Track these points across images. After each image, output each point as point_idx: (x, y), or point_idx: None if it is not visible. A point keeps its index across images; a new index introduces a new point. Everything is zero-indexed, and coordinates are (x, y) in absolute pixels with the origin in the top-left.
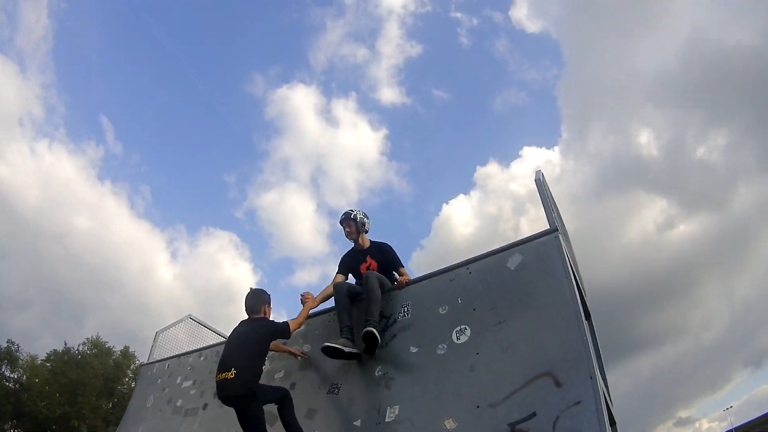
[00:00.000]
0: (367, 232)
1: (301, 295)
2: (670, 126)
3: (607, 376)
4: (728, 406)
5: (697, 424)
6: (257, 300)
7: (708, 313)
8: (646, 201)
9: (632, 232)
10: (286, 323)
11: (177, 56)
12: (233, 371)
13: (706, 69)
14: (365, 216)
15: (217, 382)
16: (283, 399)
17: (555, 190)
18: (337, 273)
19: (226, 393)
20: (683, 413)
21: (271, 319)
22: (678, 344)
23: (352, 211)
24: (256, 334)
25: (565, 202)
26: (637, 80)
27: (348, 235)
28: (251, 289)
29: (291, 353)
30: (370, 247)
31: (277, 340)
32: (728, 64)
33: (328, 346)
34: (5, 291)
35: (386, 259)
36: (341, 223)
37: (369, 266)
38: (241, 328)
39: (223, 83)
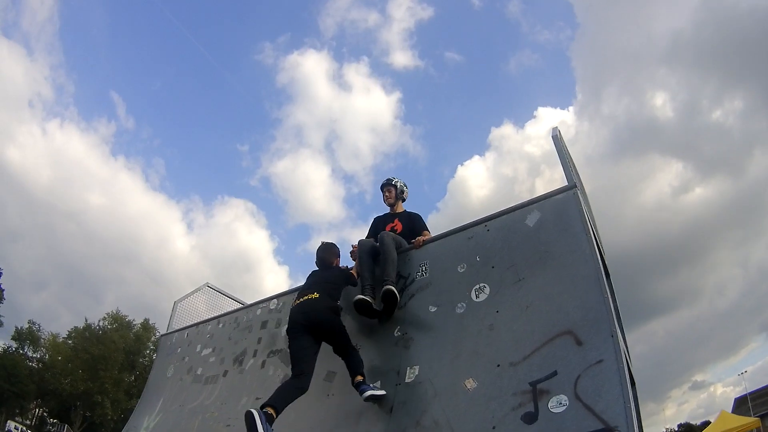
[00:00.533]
0: (404, 200)
1: (353, 246)
2: (684, 89)
3: (626, 337)
4: (743, 371)
5: (711, 389)
6: (329, 253)
7: (723, 278)
8: (662, 164)
9: (647, 195)
10: (352, 273)
11: (184, 28)
12: (316, 294)
13: (721, 32)
14: (405, 185)
15: (298, 303)
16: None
17: (571, 152)
18: (366, 236)
19: (309, 310)
20: (698, 377)
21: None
22: (693, 308)
23: (393, 178)
24: (333, 277)
25: (581, 164)
26: (651, 42)
27: (386, 200)
28: (323, 243)
29: None
30: (401, 213)
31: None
32: (744, 27)
33: (362, 299)
34: (22, 272)
35: (413, 225)
36: (382, 188)
37: (394, 227)
38: (317, 274)
39: (232, 53)
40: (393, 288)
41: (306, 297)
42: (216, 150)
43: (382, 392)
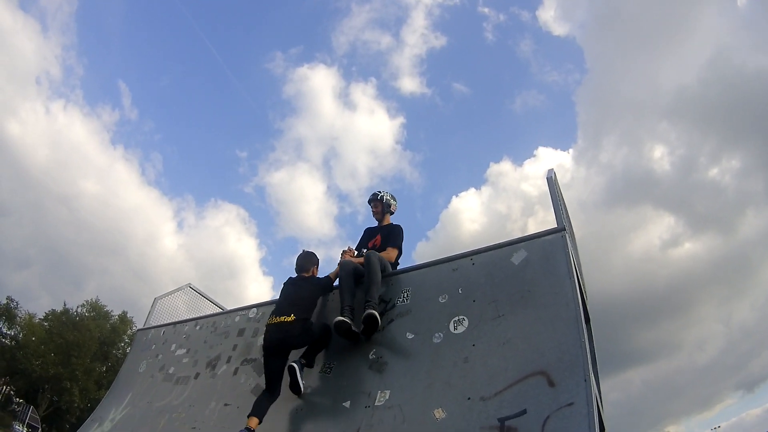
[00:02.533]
0: (392, 213)
1: (343, 251)
2: (684, 144)
3: (600, 383)
4: (716, 426)
5: None
6: (308, 261)
7: (704, 333)
8: (654, 216)
9: (637, 246)
10: (328, 277)
11: (198, 28)
12: (293, 316)
13: (725, 91)
14: (392, 198)
15: (275, 324)
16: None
17: (564, 196)
18: (356, 246)
19: (285, 336)
20: (671, 429)
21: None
22: (672, 360)
23: (379, 192)
24: (309, 292)
25: (574, 209)
26: (655, 95)
27: (375, 214)
28: (303, 250)
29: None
30: (384, 226)
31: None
32: (748, 89)
33: (342, 321)
34: (6, 248)
35: (388, 236)
36: (369, 202)
37: (375, 242)
38: (293, 283)
39: (243, 58)
40: (375, 312)
41: (282, 319)
42: (215, 152)
43: (302, 383)
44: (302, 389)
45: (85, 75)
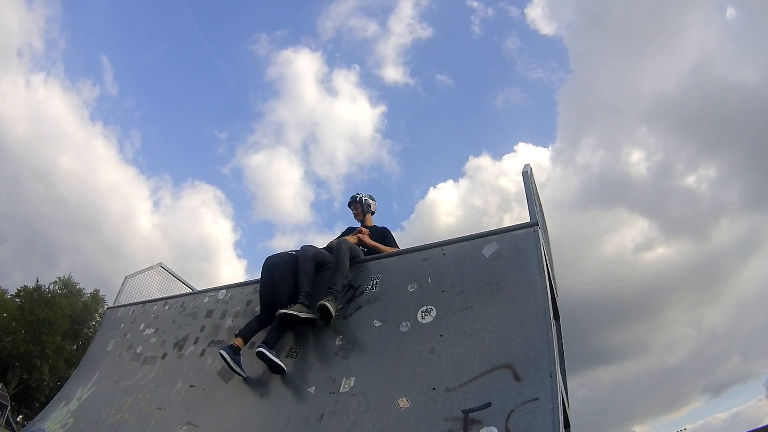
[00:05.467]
0: (373, 213)
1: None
2: (661, 150)
3: (567, 380)
4: (683, 428)
5: None
6: None
7: (673, 336)
8: (628, 219)
9: (609, 248)
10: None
11: (184, 5)
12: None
13: (705, 100)
14: (371, 198)
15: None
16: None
17: (541, 195)
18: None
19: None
20: (638, 428)
21: None
22: (640, 362)
23: (358, 194)
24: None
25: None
26: (636, 100)
27: (355, 216)
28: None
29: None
30: (371, 227)
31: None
32: (728, 100)
33: (283, 312)
34: None
35: (384, 241)
36: (349, 206)
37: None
38: None
39: (227, 39)
40: (327, 304)
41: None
42: (194, 132)
43: (276, 360)
44: (283, 367)
45: (67, 48)
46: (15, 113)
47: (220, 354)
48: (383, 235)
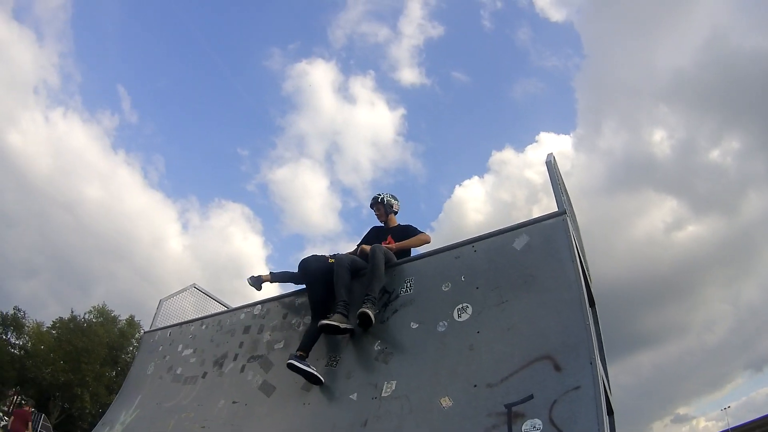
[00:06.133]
0: (396, 213)
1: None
2: (683, 127)
3: (608, 367)
4: (726, 407)
5: (694, 422)
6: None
7: (711, 314)
8: (656, 200)
9: (640, 230)
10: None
11: (194, 27)
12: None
13: (722, 73)
14: (393, 198)
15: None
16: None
17: (567, 184)
18: (360, 242)
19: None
20: (682, 410)
21: None
22: (680, 343)
23: (380, 194)
24: None
25: (576, 195)
26: (653, 79)
27: (379, 217)
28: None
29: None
30: (395, 227)
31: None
32: (746, 69)
33: (325, 324)
34: (13, 258)
35: (407, 234)
36: (371, 207)
37: (387, 245)
38: None
39: (241, 57)
40: (368, 311)
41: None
42: (216, 152)
43: (309, 370)
44: (318, 376)
45: (83, 81)
46: (37, 149)
47: (290, 365)
48: (405, 232)
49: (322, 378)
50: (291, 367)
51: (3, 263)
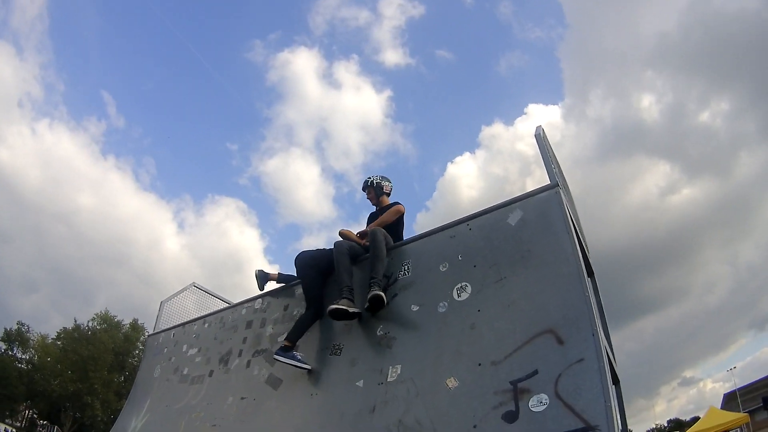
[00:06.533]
0: (388, 194)
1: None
2: (670, 91)
3: (611, 336)
4: (732, 367)
5: (701, 384)
6: None
7: (711, 276)
8: (649, 165)
9: (635, 196)
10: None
11: (174, 27)
12: None
13: (707, 35)
14: (382, 179)
15: None
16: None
17: (558, 155)
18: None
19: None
20: (688, 373)
21: None
22: (682, 306)
23: (369, 178)
24: None
25: (568, 166)
26: (637, 45)
27: (371, 201)
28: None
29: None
30: (385, 207)
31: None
32: (730, 30)
33: (335, 308)
34: (12, 275)
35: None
36: (363, 191)
37: None
38: None
39: (222, 52)
40: (380, 293)
41: None
42: (206, 149)
43: (290, 362)
44: (304, 367)
45: (66, 90)
46: (26, 162)
47: (275, 358)
48: (386, 209)
49: (308, 366)
50: (277, 359)
51: (2, 280)
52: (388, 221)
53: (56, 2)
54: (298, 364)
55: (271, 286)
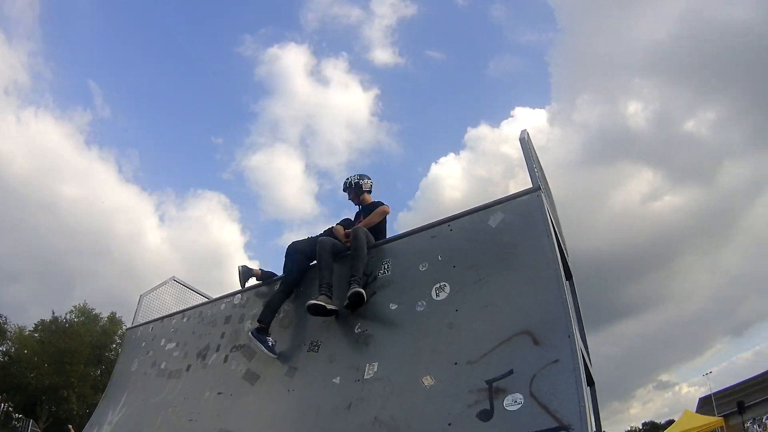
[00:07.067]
0: (369, 191)
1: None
2: (658, 99)
3: (587, 339)
4: (708, 372)
5: (676, 388)
6: None
7: (690, 283)
8: (633, 171)
9: (618, 202)
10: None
11: (164, 19)
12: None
13: (697, 44)
14: (361, 177)
15: None
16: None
17: (543, 159)
18: None
19: None
20: (664, 377)
21: None
22: (660, 312)
23: (347, 179)
24: None
25: (553, 170)
26: (627, 52)
27: (353, 201)
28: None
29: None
30: (368, 204)
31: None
32: (720, 41)
33: (313, 303)
34: None
35: (370, 211)
36: (344, 191)
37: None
38: None
39: (212, 45)
40: (360, 290)
41: None
42: (190, 142)
43: (262, 346)
44: (272, 354)
45: (53, 79)
46: (10, 150)
47: (250, 335)
48: (369, 209)
49: (275, 355)
50: (251, 336)
51: None
52: (373, 222)
53: None
54: (267, 351)
55: (253, 282)
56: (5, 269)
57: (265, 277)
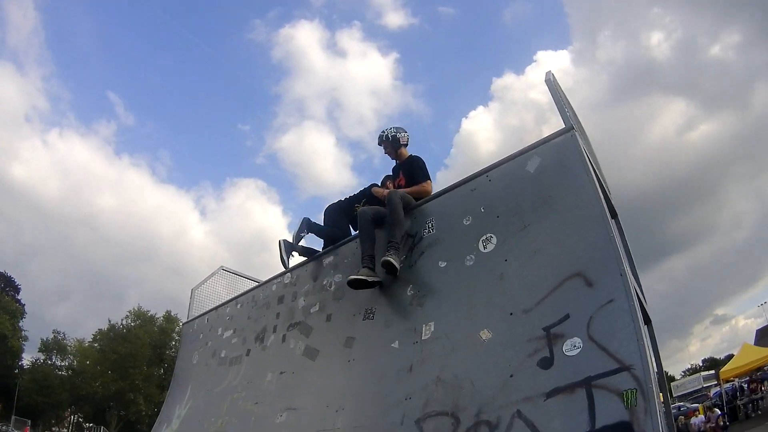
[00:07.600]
0: (406, 144)
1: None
2: (679, 26)
3: (639, 276)
4: (763, 302)
5: (733, 322)
6: None
7: (738, 211)
8: (665, 103)
9: (653, 136)
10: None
11: (170, 17)
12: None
13: None
14: (398, 131)
15: None
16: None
17: (572, 101)
18: None
19: None
20: (720, 311)
21: None
22: (711, 243)
23: (383, 131)
24: None
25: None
26: None
27: (390, 155)
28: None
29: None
30: (404, 161)
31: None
32: None
33: (354, 279)
34: (44, 286)
35: (411, 172)
36: (379, 145)
37: (399, 182)
38: None
39: (223, 36)
40: (390, 259)
41: None
42: (219, 133)
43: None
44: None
45: (72, 98)
46: (43, 174)
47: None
48: (411, 165)
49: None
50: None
51: (35, 292)
52: (413, 196)
53: (48, 13)
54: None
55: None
56: (56, 289)
57: (308, 252)
